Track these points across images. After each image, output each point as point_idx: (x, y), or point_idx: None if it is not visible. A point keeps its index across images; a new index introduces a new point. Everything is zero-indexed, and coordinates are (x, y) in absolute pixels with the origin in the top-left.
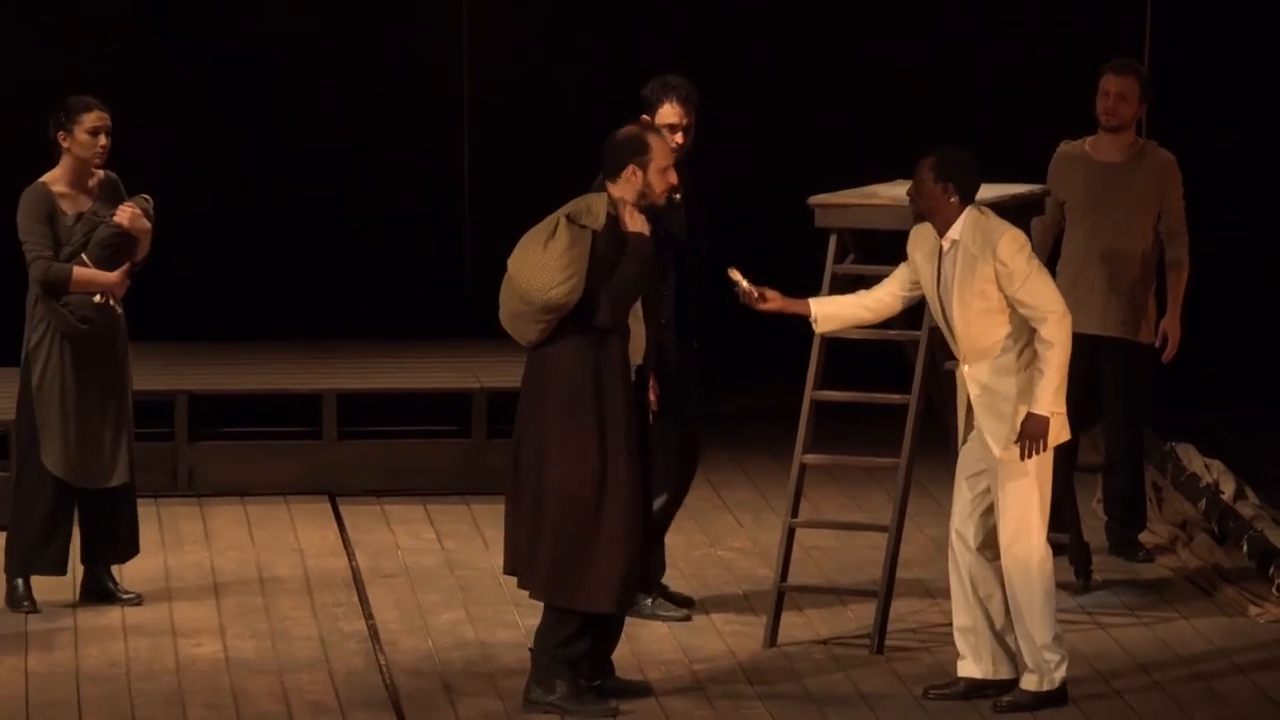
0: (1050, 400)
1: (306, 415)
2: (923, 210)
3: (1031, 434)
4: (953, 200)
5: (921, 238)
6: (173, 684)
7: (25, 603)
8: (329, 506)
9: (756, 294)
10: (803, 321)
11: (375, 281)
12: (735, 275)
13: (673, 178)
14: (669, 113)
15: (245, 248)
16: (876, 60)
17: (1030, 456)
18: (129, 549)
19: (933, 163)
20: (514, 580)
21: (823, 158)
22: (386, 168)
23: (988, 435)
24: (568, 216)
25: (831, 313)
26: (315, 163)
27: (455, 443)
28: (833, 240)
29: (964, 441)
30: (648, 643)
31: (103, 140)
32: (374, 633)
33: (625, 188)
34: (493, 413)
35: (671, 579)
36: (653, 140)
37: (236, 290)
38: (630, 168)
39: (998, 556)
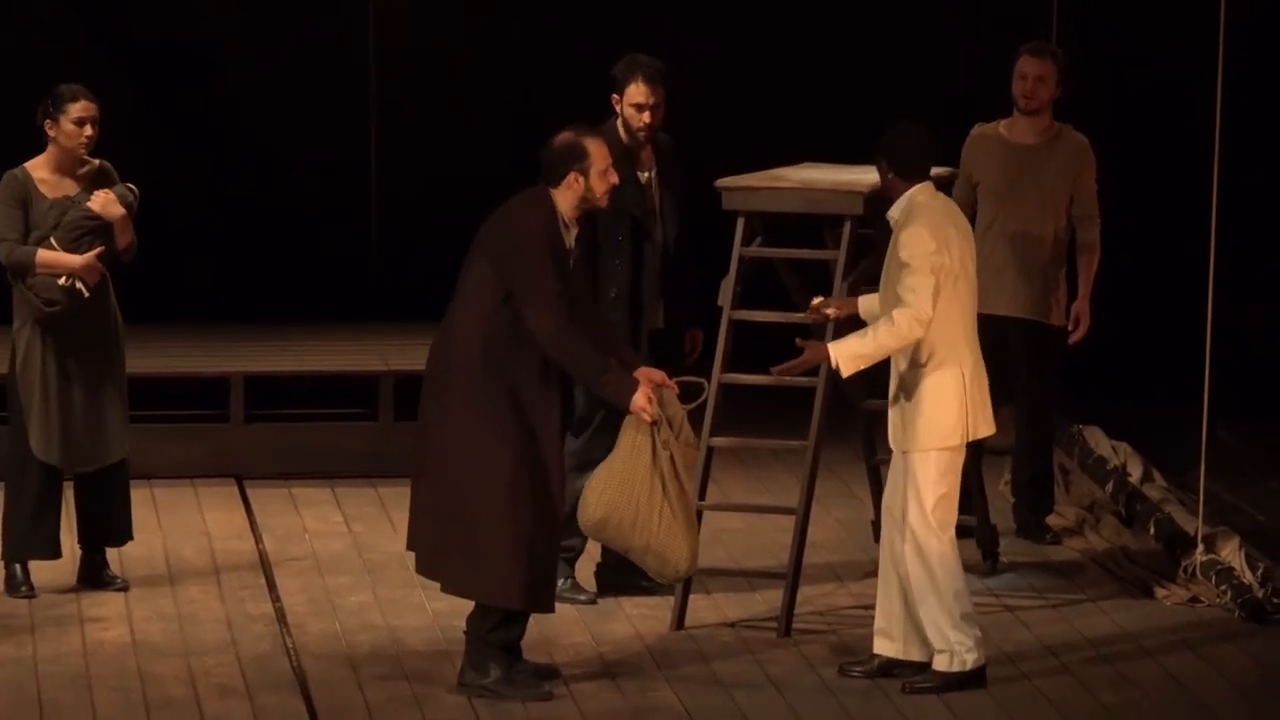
0: (848, 355)
1: (213, 398)
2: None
3: (805, 358)
4: (889, 177)
5: None
6: (79, 667)
7: (24, 588)
8: (236, 489)
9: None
10: (712, 308)
11: (282, 264)
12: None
13: (613, 177)
14: (635, 92)
15: (151, 230)
16: (779, 46)
17: (784, 373)
18: (123, 533)
19: (881, 140)
20: None
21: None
22: (293, 150)
23: (890, 424)
24: None
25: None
26: (222, 145)
27: (362, 425)
28: (741, 222)
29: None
30: (556, 626)
31: (88, 131)
32: (281, 616)
33: (567, 194)
34: (399, 396)
35: (581, 563)
36: (590, 144)
37: (143, 273)
38: (571, 175)
39: None
